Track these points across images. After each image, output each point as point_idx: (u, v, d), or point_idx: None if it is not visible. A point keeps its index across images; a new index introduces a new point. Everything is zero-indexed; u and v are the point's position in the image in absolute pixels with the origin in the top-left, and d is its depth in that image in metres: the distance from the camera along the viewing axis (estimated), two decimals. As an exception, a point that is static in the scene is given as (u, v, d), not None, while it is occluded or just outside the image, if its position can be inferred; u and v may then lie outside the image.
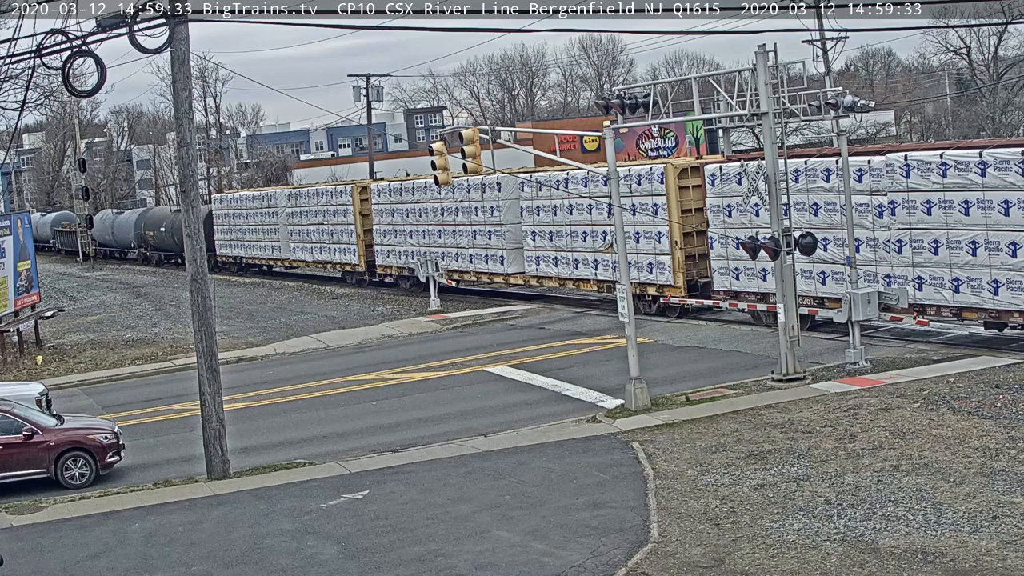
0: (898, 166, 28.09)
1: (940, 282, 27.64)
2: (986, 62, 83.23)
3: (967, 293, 27.02)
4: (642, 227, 35.33)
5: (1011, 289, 26.09)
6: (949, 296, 27.44)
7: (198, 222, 22.60)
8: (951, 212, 27.19)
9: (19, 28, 23.33)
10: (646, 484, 18.78)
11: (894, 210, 28.28)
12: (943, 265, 27.47)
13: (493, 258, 42.28)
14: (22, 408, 23.79)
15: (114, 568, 17.17)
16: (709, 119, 33.27)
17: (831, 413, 22.07)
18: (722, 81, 28.25)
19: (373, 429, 25.62)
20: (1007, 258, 25.94)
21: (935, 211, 27.46)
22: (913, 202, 27.89)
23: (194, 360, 22.94)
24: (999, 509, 15.97)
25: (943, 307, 27.78)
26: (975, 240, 26.75)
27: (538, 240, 40.05)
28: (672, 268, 34.78)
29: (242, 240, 62.21)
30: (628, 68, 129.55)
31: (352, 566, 16.29)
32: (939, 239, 27.55)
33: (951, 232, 27.21)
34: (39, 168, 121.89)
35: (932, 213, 27.54)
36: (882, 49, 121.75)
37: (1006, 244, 26.10)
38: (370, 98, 71.06)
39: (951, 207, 27.17)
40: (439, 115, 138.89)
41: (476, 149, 25.55)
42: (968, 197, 26.79)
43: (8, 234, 38.91)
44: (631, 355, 24.54)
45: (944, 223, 27.34)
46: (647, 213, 34.75)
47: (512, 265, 41.58)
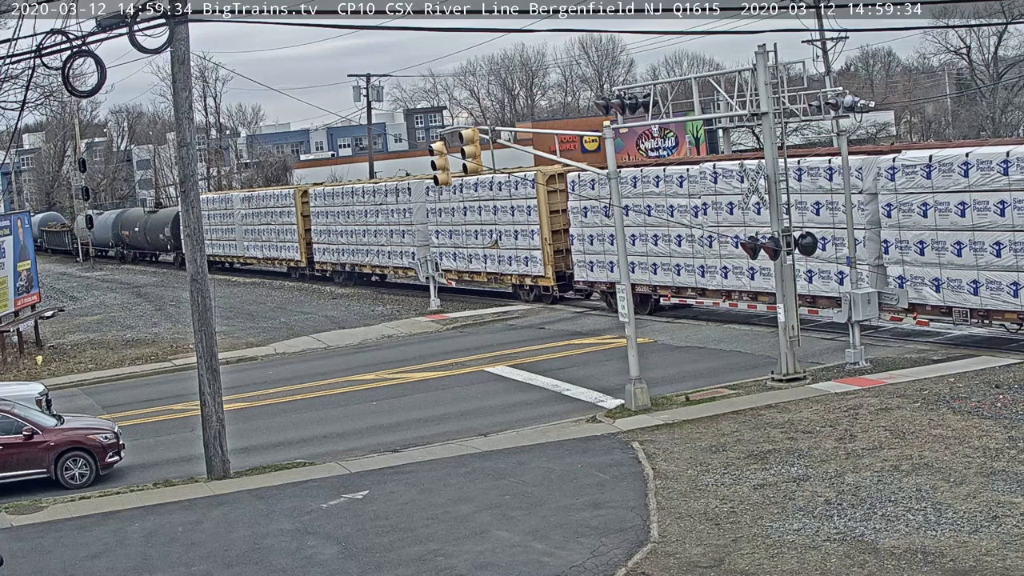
0: (708, 173, 32.46)
1: (740, 271, 32.03)
2: (986, 62, 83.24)
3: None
4: (521, 226, 40.70)
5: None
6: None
7: (199, 222, 22.62)
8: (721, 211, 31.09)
9: (19, 28, 23.34)
10: (646, 484, 18.78)
11: (706, 211, 32.69)
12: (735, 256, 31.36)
13: (406, 254, 47.28)
14: (22, 408, 23.79)
15: (114, 568, 17.17)
16: (709, 119, 33.30)
17: (831, 413, 22.06)
18: (722, 81, 28.23)
19: (373, 429, 25.62)
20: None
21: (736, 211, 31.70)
22: (720, 203, 32.30)
23: (194, 360, 22.94)
24: (999, 509, 15.97)
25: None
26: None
27: (441, 238, 44.86)
28: (543, 261, 40.16)
29: (205, 239, 63.75)
30: (628, 68, 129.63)
31: (352, 566, 16.29)
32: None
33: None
34: (39, 168, 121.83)
35: (734, 213, 31.86)
36: (882, 49, 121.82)
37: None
38: (370, 98, 71.15)
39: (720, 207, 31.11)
40: (439, 115, 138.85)
41: (476, 149, 25.57)
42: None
43: (8, 234, 38.91)
44: (631, 355, 24.54)
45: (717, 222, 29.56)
46: (524, 214, 40.26)
47: None
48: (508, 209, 41.17)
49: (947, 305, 27.01)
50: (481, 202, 42.40)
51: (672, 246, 34.35)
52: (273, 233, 58.30)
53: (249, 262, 62.85)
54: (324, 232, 53.44)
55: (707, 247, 33.10)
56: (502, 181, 40.80)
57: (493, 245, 42.02)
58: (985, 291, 26.07)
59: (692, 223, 33.13)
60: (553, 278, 40.22)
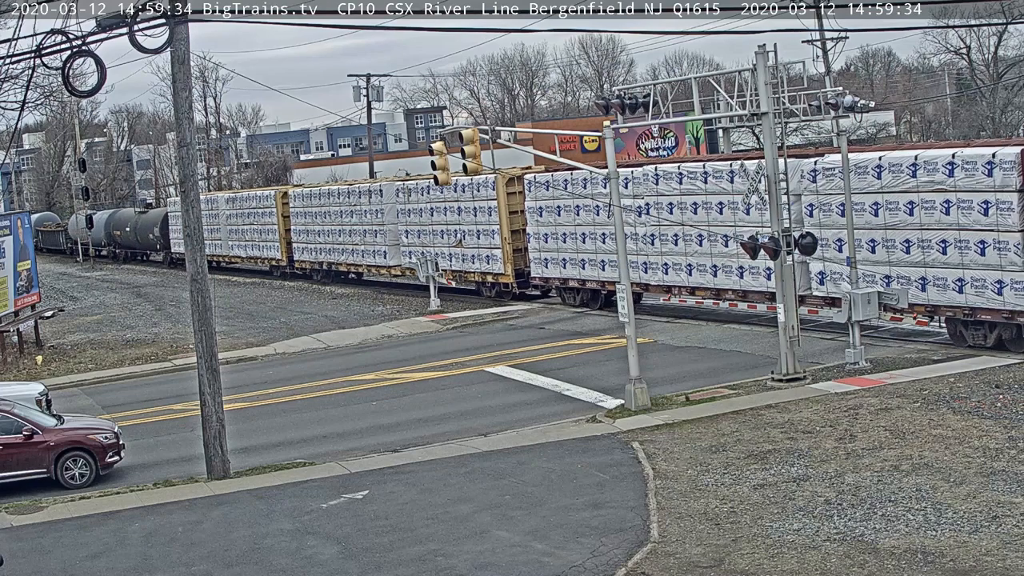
0: (651, 175, 34.88)
1: (679, 267, 34.80)
2: (986, 62, 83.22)
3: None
4: (483, 226, 42.27)
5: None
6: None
7: (199, 222, 22.54)
8: (710, 211, 32.96)
9: (19, 28, 23.35)
10: (646, 484, 18.78)
11: (648, 211, 34.72)
12: (680, 253, 34.36)
13: (379, 253, 49.29)
14: (22, 408, 23.78)
15: (114, 568, 17.17)
16: (709, 119, 33.29)
17: (831, 413, 22.06)
18: (722, 81, 28.22)
19: (373, 429, 25.62)
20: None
21: (675, 212, 34.20)
22: (660, 204, 34.58)
23: (194, 360, 22.94)
24: (999, 509, 15.97)
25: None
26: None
27: (410, 237, 46.72)
28: (503, 259, 41.73)
29: None
30: (628, 68, 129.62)
31: (352, 566, 16.29)
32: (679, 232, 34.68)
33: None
34: (39, 168, 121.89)
35: (673, 213, 34.23)
36: (882, 49, 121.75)
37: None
38: (370, 98, 71.16)
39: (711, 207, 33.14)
40: (439, 115, 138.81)
41: (476, 149, 25.58)
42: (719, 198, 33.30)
43: (8, 234, 38.91)
44: (631, 355, 24.54)
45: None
46: (486, 214, 41.96)
47: (392, 259, 48.39)
48: (471, 210, 42.90)
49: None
50: (447, 203, 44.01)
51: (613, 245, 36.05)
52: (256, 233, 60.29)
53: (234, 260, 64.62)
54: (303, 232, 55.46)
55: (649, 244, 35.50)
56: (465, 183, 42.07)
57: (457, 244, 43.52)
58: (896, 285, 28.01)
59: (636, 221, 35.25)
60: (512, 276, 41.74)
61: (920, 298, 27.68)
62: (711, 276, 33.45)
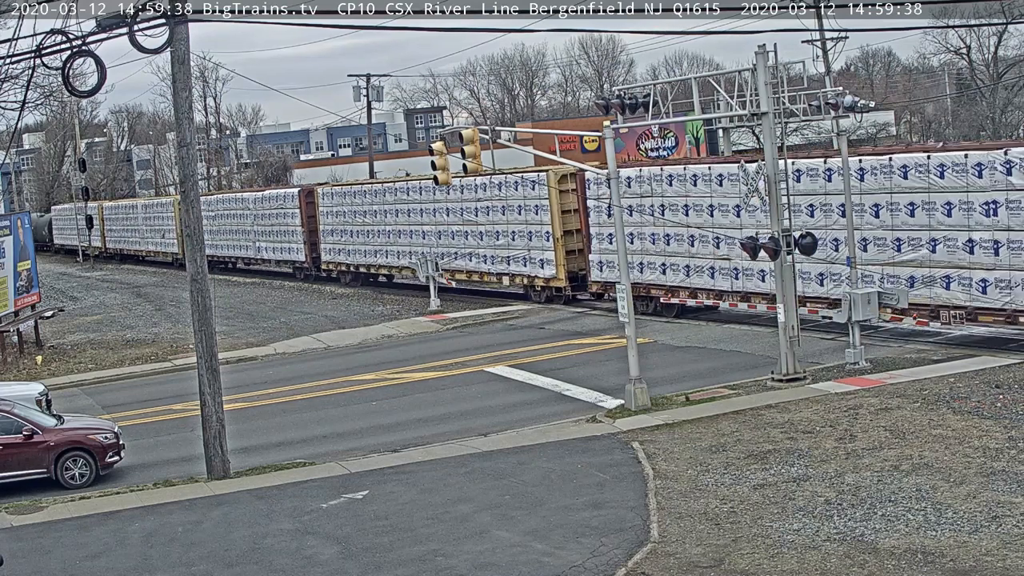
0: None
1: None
2: (986, 62, 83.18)
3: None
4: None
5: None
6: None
7: (198, 222, 22.54)
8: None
9: (19, 28, 23.39)
10: (646, 484, 18.78)
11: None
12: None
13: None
14: (22, 408, 23.78)
15: (114, 568, 17.17)
16: (709, 119, 33.27)
17: (831, 413, 22.06)
18: (722, 81, 28.22)
19: (373, 429, 25.62)
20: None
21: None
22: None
23: (194, 360, 22.94)
24: (999, 509, 15.97)
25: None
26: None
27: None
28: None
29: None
30: (628, 68, 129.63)
31: (352, 566, 16.29)
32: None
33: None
34: (39, 168, 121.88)
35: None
36: (882, 49, 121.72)
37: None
38: (370, 98, 71.11)
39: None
40: (439, 115, 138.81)
41: (476, 149, 25.58)
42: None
43: (8, 234, 38.92)
44: (631, 355, 24.54)
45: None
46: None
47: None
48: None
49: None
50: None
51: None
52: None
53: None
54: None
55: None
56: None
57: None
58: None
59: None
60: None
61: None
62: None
